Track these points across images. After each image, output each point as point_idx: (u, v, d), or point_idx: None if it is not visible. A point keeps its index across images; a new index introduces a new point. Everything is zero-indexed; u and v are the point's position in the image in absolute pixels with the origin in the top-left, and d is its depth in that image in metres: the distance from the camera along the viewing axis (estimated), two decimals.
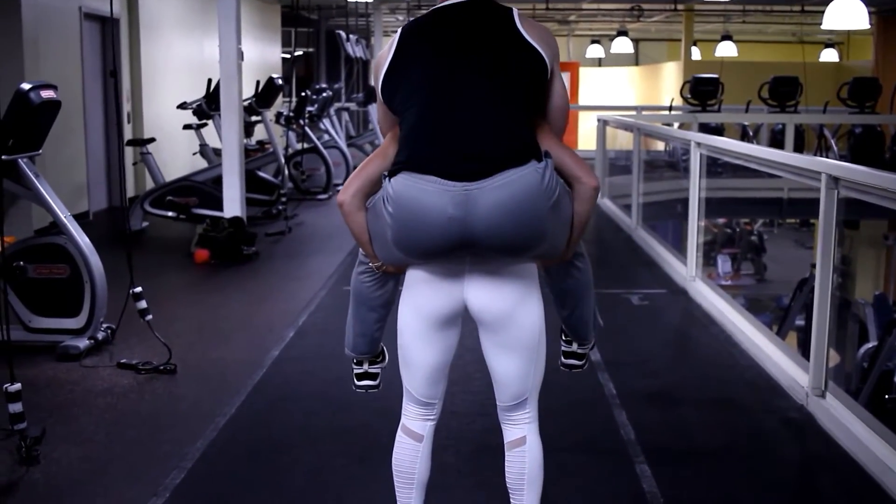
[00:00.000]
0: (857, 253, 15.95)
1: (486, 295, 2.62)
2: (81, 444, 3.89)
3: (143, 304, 5.00)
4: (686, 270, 6.73)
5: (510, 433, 2.82)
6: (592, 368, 4.87)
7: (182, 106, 9.88)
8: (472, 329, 2.81)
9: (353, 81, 19.38)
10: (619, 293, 6.64)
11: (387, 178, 2.51)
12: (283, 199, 9.70)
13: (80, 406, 4.37)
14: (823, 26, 10.76)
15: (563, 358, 3.25)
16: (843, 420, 3.95)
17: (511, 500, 2.83)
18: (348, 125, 16.88)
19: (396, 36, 2.63)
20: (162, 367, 4.81)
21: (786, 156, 5.16)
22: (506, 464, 2.82)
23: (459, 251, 2.52)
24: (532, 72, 2.57)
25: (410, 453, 2.86)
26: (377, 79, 2.64)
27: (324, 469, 3.68)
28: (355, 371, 3.15)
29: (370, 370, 3.14)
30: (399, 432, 2.88)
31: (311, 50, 22.55)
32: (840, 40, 24.12)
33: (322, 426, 4.09)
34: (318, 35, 21.95)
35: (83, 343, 5.07)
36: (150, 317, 5.03)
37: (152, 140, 9.52)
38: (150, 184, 9.70)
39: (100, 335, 5.20)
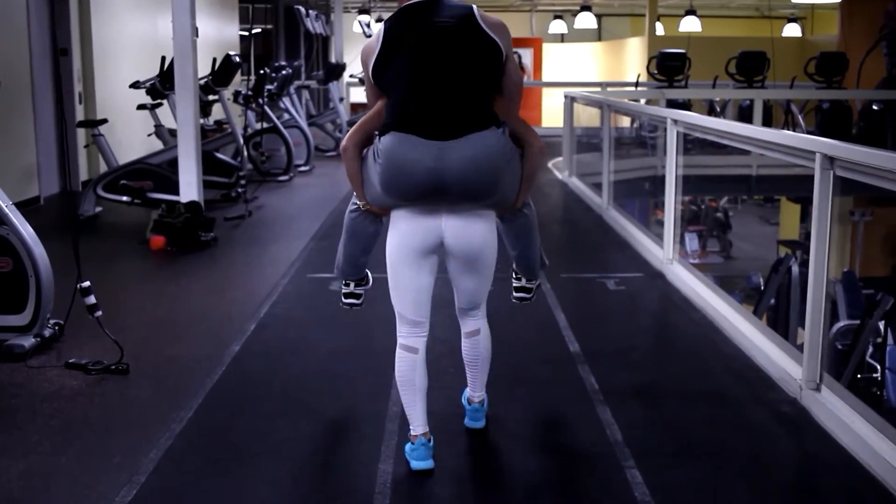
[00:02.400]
0: None
1: (460, 234, 3.33)
2: (24, 457, 3.57)
3: (91, 299, 4.67)
4: (663, 253, 6.50)
5: (468, 325, 3.67)
6: (573, 361, 4.62)
7: (135, 85, 9.48)
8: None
9: (314, 59, 18.98)
10: (594, 277, 6.40)
11: (377, 136, 3.26)
12: (242, 182, 9.35)
13: (23, 412, 4.04)
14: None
15: (514, 292, 4.00)
16: (840, 415, 3.73)
17: (467, 373, 3.71)
18: (308, 104, 16.51)
19: (381, 31, 3.30)
20: (113, 367, 4.48)
21: (776, 134, 4.88)
22: (463, 347, 3.69)
23: (434, 196, 3.23)
24: (491, 59, 3.28)
25: (410, 364, 3.45)
26: (367, 65, 3.32)
27: (288, 480, 3.39)
28: (343, 290, 3.96)
29: (355, 290, 3.96)
30: (398, 350, 3.48)
31: (269, 27, 22.07)
32: (803, 15, 24.02)
33: (286, 431, 3.80)
34: (276, 11, 21.46)
35: (28, 341, 4.73)
36: (99, 313, 4.70)
37: (104, 121, 9.11)
38: (103, 167, 9.29)
39: (47, 332, 4.86)
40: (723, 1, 23.77)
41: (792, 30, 21.89)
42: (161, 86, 9.07)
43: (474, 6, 3.32)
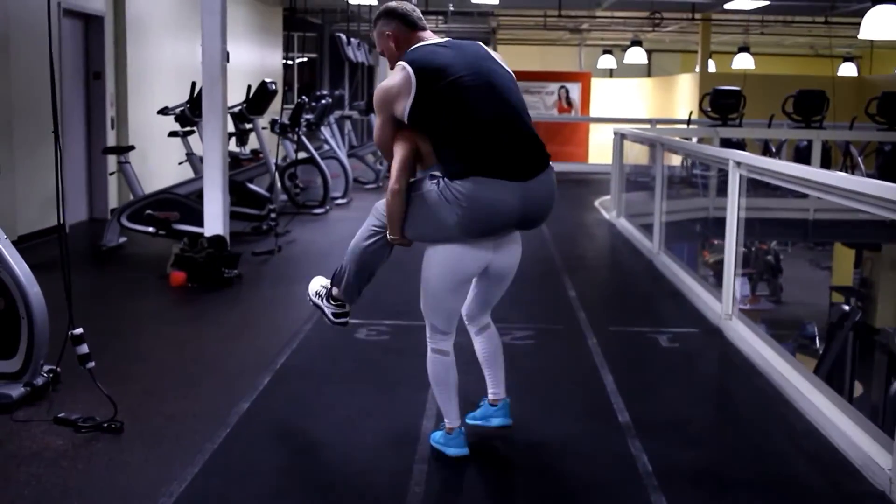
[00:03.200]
0: (878, 276, 15.24)
1: (507, 257, 3.66)
2: None
3: (83, 348, 4.18)
4: (721, 307, 5.91)
5: (479, 322, 3.91)
6: (622, 434, 4.06)
7: (163, 111, 9.08)
8: None
9: (357, 88, 18.64)
10: (645, 332, 5.84)
11: (447, 180, 3.43)
12: (272, 215, 8.90)
13: None
14: (860, 36, 9.98)
15: None
16: None
17: (486, 372, 3.93)
18: (351, 134, 16.12)
19: (411, 75, 3.42)
20: (106, 425, 4.00)
21: (865, 184, 4.23)
22: (478, 344, 3.94)
23: (510, 229, 3.61)
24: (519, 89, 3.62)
25: (443, 366, 3.70)
26: (394, 105, 3.48)
27: None
28: (334, 311, 4.11)
29: (347, 309, 4.12)
30: (431, 354, 3.71)
31: (314, 55, 21.84)
32: (859, 54, 23.38)
33: None
34: (321, 40, 21.21)
35: (17, 391, 4.27)
36: (91, 364, 4.21)
37: (131, 148, 8.73)
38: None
39: (39, 381, 4.38)
40: (776, 38, 23.16)
41: (847, 69, 21.24)
42: (191, 113, 8.67)
43: (479, 42, 3.70)
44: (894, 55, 22.50)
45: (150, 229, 8.17)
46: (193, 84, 8.66)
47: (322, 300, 4.13)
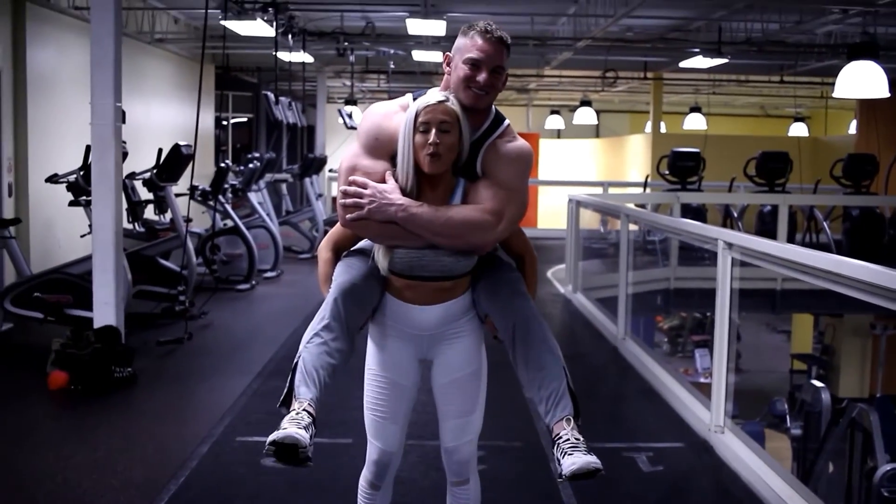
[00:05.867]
0: (840, 343, 14.55)
1: None
2: None
3: None
4: (710, 416, 4.89)
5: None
6: None
7: (52, 179, 7.95)
8: None
9: (292, 149, 17.68)
10: (619, 449, 4.79)
11: None
12: (181, 297, 7.77)
13: None
14: (835, 94, 9.19)
15: None
16: None
17: None
18: (286, 199, 15.08)
19: None
20: None
21: (883, 275, 3.32)
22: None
23: None
24: None
25: None
26: None
27: None
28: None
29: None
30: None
31: (250, 115, 20.83)
32: (808, 114, 22.99)
33: None
34: (256, 100, 20.21)
35: None
36: None
37: (16, 221, 7.59)
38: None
39: None
40: (726, 98, 22.68)
41: (798, 129, 20.69)
42: (84, 181, 7.54)
43: None
44: (845, 115, 22.05)
45: (39, 315, 7.05)
46: (88, 148, 7.54)
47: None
